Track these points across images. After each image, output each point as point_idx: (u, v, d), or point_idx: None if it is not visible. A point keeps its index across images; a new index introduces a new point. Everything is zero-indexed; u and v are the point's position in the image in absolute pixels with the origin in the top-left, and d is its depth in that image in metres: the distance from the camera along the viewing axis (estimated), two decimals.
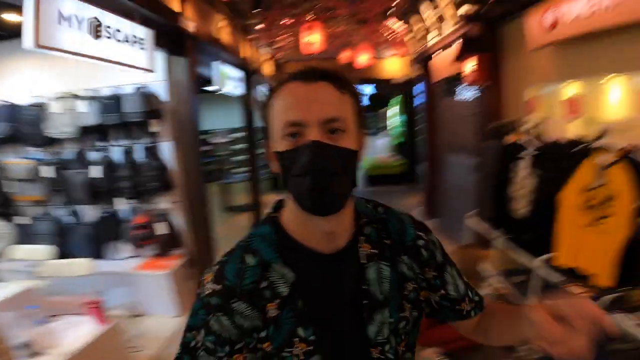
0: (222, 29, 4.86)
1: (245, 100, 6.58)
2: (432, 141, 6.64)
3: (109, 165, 4.33)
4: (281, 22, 4.78)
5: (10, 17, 3.53)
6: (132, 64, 3.13)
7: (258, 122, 8.03)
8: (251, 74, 6.35)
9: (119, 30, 2.88)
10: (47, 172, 4.43)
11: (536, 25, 2.99)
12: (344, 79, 0.80)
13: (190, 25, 3.73)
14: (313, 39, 4.70)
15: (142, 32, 3.15)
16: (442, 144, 6.28)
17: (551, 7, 2.81)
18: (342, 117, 0.78)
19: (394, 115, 12.32)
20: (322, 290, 0.84)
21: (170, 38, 3.65)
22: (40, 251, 3.82)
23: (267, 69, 7.93)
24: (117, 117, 4.17)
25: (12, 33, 3.59)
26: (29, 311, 2.53)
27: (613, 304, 1.85)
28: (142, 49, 3.21)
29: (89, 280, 3.27)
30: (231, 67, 5.50)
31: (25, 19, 2.26)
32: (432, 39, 5.48)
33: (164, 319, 3.56)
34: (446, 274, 0.94)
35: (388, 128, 13.06)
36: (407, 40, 6.27)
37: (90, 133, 4.33)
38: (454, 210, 5.31)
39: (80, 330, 2.55)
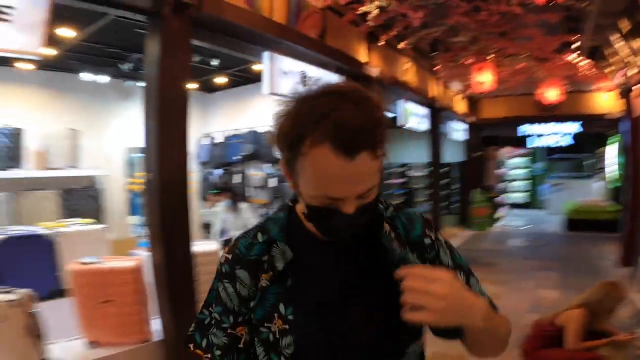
0: (407, 70, 5.74)
1: (431, 136, 7.25)
2: (636, 185, 6.04)
3: None
4: (460, 62, 5.34)
5: (255, 66, 5.07)
6: None
7: (445, 158, 8.55)
8: (438, 111, 7.03)
9: (319, 79, 4.05)
10: (272, 182, 6.01)
11: None
12: (380, 137, 0.76)
13: (375, 71, 4.71)
14: (484, 79, 5.12)
15: (336, 79, 4.27)
16: None
17: None
18: (375, 183, 0.79)
19: (612, 155, 10.98)
20: (316, 273, 0.88)
21: (360, 83, 4.68)
22: None
23: (460, 105, 8.41)
24: None
25: (256, 78, 5.10)
26: None
27: None
28: None
29: None
30: (416, 104, 6.33)
31: (265, 73, 3.55)
32: (631, 69, 5.19)
33: None
34: None
35: (605, 170, 11.64)
36: (608, 72, 5.98)
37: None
38: None
39: None
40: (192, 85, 6.04)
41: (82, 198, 5.29)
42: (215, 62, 4.34)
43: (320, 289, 0.87)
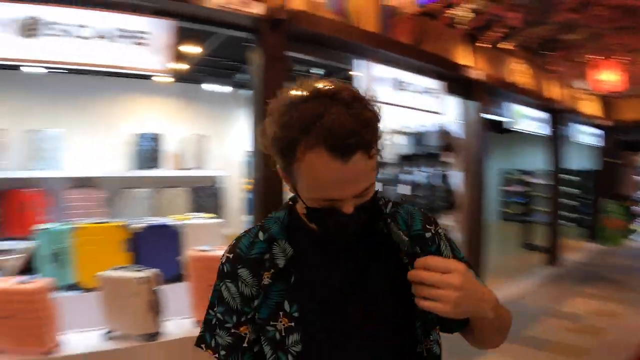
0: (517, 72, 5.42)
1: (550, 141, 6.68)
2: None
3: (414, 186, 5.62)
4: (579, 61, 4.85)
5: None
6: (427, 109, 4.29)
7: (571, 164, 7.76)
8: (558, 113, 6.46)
9: (416, 84, 4.09)
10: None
11: None
12: (372, 137, 0.77)
13: (477, 74, 4.57)
14: (606, 77, 4.57)
15: (435, 84, 4.25)
16: None
17: None
18: (372, 181, 0.80)
19: None
20: (317, 270, 0.89)
21: (461, 86, 4.60)
22: None
23: (590, 106, 7.58)
24: (422, 149, 5.46)
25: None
26: None
27: None
28: (435, 97, 4.32)
29: None
30: (529, 107, 5.92)
31: (357, 81, 3.72)
32: None
33: None
34: None
35: None
36: None
37: (404, 160, 5.77)
38: None
39: None
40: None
41: (206, 195, 6.03)
42: (319, 72, 4.63)
43: (322, 287, 0.87)
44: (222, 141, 6.26)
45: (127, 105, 5.76)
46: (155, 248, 4.43)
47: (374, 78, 3.76)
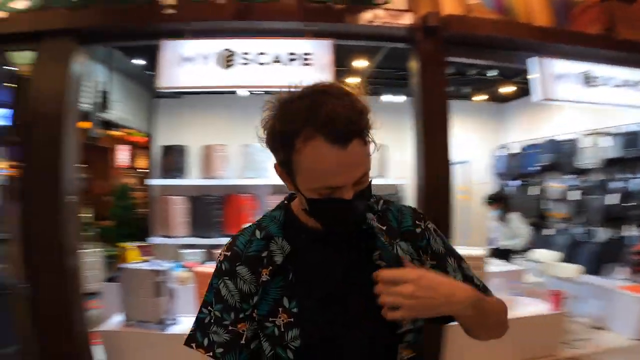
0: None
1: None
2: None
3: (625, 195, 4.70)
4: None
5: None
6: (630, 104, 3.59)
7: None
8: None
9: (611, 78, 3.45)
10: (574, 195, 5.38)
11: None
12: (366, 124, 0.81)
13: None
14: None
15: (630, 75, 3.50)
16: None
17: None
18: (368, 167, 0.85)
19: None
20: (315, 267, 0.91)
21: None
22: (551, 256, 4.77)
23: None
24: (634, 151, 4.53)
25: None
26: (512, 285, 3.63)
27: None
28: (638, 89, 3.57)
29: (572, 285, 3.98)
30: None
31: (534, 80, 3.35)
32: None
33: (618, 337, 3.64)
34: (447, 265, 0.97)
35: None
36: None
37: (612, 165, 4.88)
38: None
39: (533, 306, 3.43)
40: (480, 98, 6.13)
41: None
42: (493, 73, 4.35)
43: (320, 282, 0.90)
44: (403, 150, 6.38)
45: None
46: None
47: (554, 75, 3.35)
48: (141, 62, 4.98)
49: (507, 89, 5.84)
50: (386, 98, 5.60)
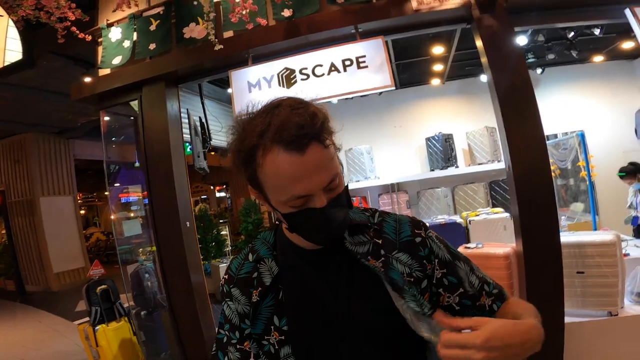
0: None
1: None
2: None
3: None
4: None
5: None
6: None
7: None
8: None
9: None
10: None
11: None
12: (321, 128, 0.79)
13: None
14: None
15: None
16: None
17: None
18: (335, 171, 0.82)
19: None
20: (304, 282, 0.91)
21: None
22: None
23: None
24: None
25: None
26: None
27: None
28: None
29: None
30: None
31: (637, 30, 2.83)
32: None
33: None
34: (459, 269, 0.93)
35: None
36: None
37: None
38: None
39: None
40: (599, 58, 5.28)
41: (502, 189, 5.77)
42: (597, 31, 3.72)
43: (309, 300, 0.89)
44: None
45: (417, 112, 6.28)
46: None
47: None
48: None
49: (628, 45, 4.91)
50: (484, 78, 5.20)
